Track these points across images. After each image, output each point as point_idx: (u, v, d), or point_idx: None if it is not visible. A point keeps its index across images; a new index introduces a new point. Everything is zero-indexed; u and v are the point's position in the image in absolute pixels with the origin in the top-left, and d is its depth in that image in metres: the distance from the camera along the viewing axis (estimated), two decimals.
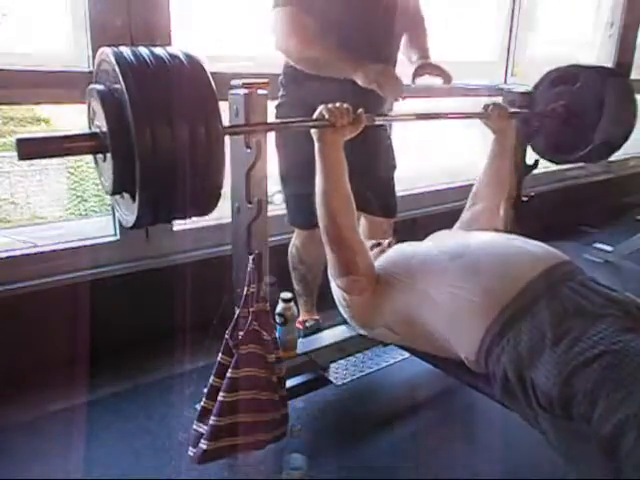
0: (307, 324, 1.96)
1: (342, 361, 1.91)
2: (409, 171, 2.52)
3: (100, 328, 1.72)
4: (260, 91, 1.20)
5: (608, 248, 3.12)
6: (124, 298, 1.92)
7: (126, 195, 1.05)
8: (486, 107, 1.69)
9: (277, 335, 1.41)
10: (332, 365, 1.87)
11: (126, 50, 0.96)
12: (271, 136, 1.56)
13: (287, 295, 1.55)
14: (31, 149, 0.94)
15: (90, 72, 1.69)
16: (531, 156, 2.12)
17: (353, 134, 1.34)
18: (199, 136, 0.96)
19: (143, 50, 0.97)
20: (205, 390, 1.28)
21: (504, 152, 1.74)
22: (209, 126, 0.98)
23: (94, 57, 1.66)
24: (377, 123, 1.49)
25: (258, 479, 1.37)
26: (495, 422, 1.61)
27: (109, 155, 0.98)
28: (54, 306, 1.76)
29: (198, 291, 1.92)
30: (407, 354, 1.85)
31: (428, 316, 1.25)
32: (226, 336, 1.26)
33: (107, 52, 0.97)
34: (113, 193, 1.06)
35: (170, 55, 0.99)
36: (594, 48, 3.68)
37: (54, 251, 1.84)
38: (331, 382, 1.81)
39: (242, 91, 1.19)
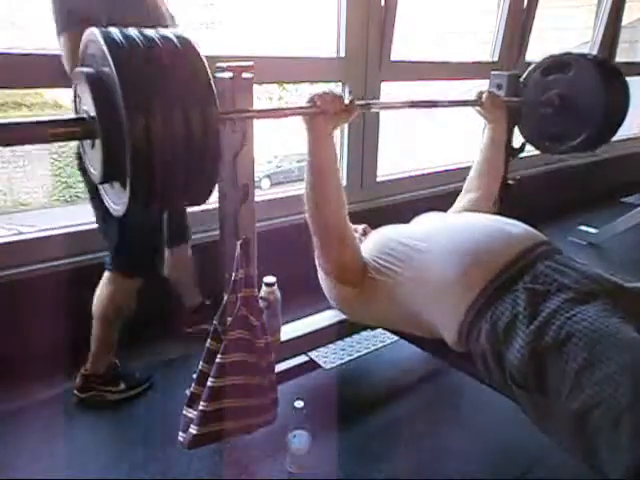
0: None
1: (331, 345, 1.92)
2: None
3: (88, 315, 1.71)
4: (245, 74, 1.19)
5: (592, 230, 3.15)
6: None
7: (116, 184, 1.00)
8: (479, 95, 1.67)
9: None
10: (321, 349, 1.88)
11: (115, 31, 0.92)
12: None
13: (270, 279, 1.54)
14: (13, 135, 0.89)
15: None
16: (517, 139, 2.12)
17: (346, 122, 1.29)
18: (194, 121, 0.92)
19: (132, 31, 0.93)
20: (194, 376, 1.28)
21: (499, 141, 1.73)
22: (205, 110, 0.93)
23: None
24: None
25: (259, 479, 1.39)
26: (481, 402, 1.63)
27: (98, 141, 0.94)
28: (41, 293, 1.74)
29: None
30: (395, 337, 1.86)
31: (414, 300, 1.26)
32: (214, 322, 1.26)
33: (95, 33, 0.92)
34: (102, 182, 1.01)
35: (161, 36, 0.94)
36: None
37: (39, 238, 1.82)
38: (320, 366, 1.82)
39: (227, 74, 1.18)
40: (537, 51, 3.26)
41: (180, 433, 1.28)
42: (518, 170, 2.46)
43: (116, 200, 1.04)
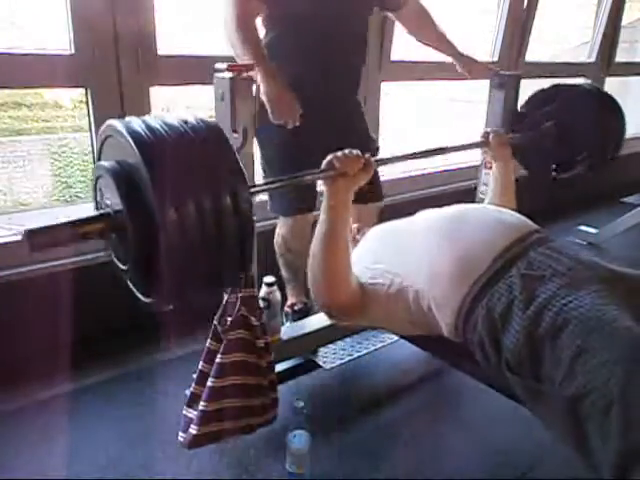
0: (296, 307, 1.97)
1: (331, 345, 1.92)
2: None
3: (88, 315, 1.71)
4: (245, 74, 1.19)
5: (592, 230, 3.15)
6: (111, 284, 1.90)
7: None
8: (485, 135, 1.67)
9: None
10: (321, 349, 1.88)
11: (136, 121, 0.91)
12: None
13: (270, 279, 1.54)
14: (42, 240, 0.90)
15: (72, 55, 1.68)
16: None
17: (365, 181, 1.30)
18: (226, 205, 0.90)
19: (153, 120, 0.92)
20: (194, 376, 1.28)
21: (508, 178, 1.71)
22: (236, 192, 0.91)
23: (75, 40, 1.67)
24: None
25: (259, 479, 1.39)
26: (481, 402, 1.64)
27: (127, 234, 0.92)
28: (41, 293, 1.74)
29: None
30: (395, 337, 1.87)
31: (412, 293, 1.26)
32: (214, 322, 1.26)
33: (115, 125, 0.91)
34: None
35: (184, 122, 0.93)
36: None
37: None
38: (320, 366, 1.82)
39: (227, 74, 1.18)
40: (537, 51, 3.26)
41: (180, 433, 1.28)
42: (518, 170, 2.46)
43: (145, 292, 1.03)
